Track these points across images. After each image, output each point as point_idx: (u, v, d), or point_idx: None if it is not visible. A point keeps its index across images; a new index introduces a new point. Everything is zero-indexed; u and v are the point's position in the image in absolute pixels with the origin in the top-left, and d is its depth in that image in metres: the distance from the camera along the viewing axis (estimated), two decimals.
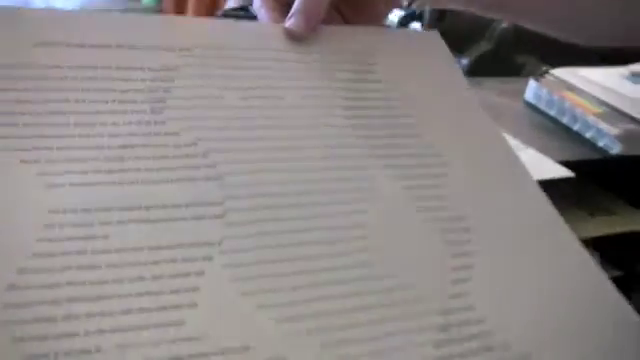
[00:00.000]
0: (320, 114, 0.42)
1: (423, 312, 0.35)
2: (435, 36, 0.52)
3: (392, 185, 0.40)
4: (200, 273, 0.32)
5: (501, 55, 1.08)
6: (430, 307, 0.36)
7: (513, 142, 0.78)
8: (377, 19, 0.52)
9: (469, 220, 0.41)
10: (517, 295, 0.38)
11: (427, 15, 1.02)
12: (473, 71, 1.07)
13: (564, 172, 0.72)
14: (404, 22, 1.04)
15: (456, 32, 1.07)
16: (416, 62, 0.48)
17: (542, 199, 0.45)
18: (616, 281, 0.40)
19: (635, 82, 0.96)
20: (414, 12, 1.03)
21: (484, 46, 1.08)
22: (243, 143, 0.38)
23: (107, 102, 0.37)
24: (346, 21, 0.51)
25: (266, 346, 0.31)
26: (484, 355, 0.35)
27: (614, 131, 0.79)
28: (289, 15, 0.45)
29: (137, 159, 0.35)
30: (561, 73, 0.96)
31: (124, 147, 0.35)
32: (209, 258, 0.33)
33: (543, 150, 0.77)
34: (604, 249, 0.83)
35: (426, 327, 0.35)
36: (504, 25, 1.08)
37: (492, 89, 0.94)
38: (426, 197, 0.41)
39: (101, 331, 0.29)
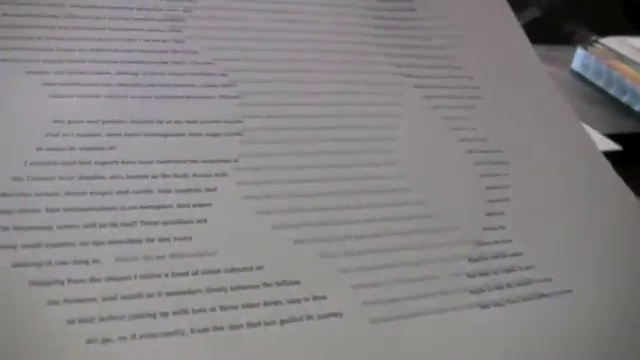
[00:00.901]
0: (349, 39, 0.40)
1: (455, 241, 0.34)
2: None
3: (424, 109, 0.39)
4: (212, 189, 0.31)
5: (550, 22, 1.05)
6: (462, 236, 0.34)
7: None
8: None
9: (505, 153, 0.39)
10: (555, 231, 0.37)
11: None
12: None
13: (611, 145, 0.69)
14: None
15: None
16: None
17: (582, 134, 0.43)
18: None
19: None
20: None
21: (533, 12, 1.04)
22: (264, 64, 0.37)
23: (124, 19, 0.36)
24: None
25: (279, 267, 0.29)
26: (523, 288, 0.34)
27: None
28: None
29: (152, 75, 0.34)
30: (611, 42, 0.93)
31: (139, 63, 0.34)
32: (223, 174, 0.32)
33: (589, 122, 0.74)
34: None
35: (458, 256, 0.33)
36: None
37: (538, 56, 0.91)
38: (459, 121, 0.40)
39: (99, 242, 0.28)
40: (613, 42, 0.93)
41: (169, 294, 0.27)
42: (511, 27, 0.48)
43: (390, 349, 0.29)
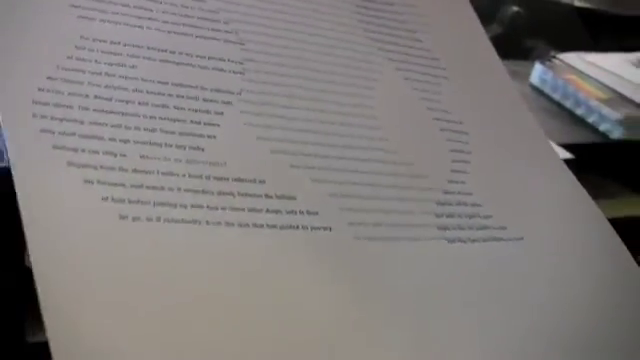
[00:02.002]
0: (334, 14, 0.45)
1: (425, 187, 0.39)
2: None
3: (397, 78, 0.44)
4: (220, 113, 0.36)
5: (512, 38, 1.09)
6: (430, 183, 0.39)
7: None
8: None
9: (465, 125, 0.44)
10: (512, 191, 0.42)
11: None
12: None
13: (563, 153, 0.73)
14: None
15: None
16: None
17: (532, 121, 0.48)
18: None
19: None
20: None
21: (495, 29, 1.08)
22: (264, 20, 0.42)
23: None
24: None
25: (279, 184, 0.34)
26: (482, 232, 0.38)
27: (615, 115, 0.80)
28: None
29: (164, 13, 0.38)
30: (569, 58, 0.97)
31: (154, 1, 0.39)
32: (228, 102, 0.36)
33: (545, 133, 0.78)
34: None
35: (427, 199, 0.38)
36: (515, 8, 1.09)
37: None
38: (427, 93, 0.44)
39: (125, 140, 0.32)
40: (571, 58, 0.98)
41: (187, 190, 0.31)
42: (473, 25, 0.54)
43: (369, 263, 0.33)
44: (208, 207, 0.32)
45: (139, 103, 0.34)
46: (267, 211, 0.33)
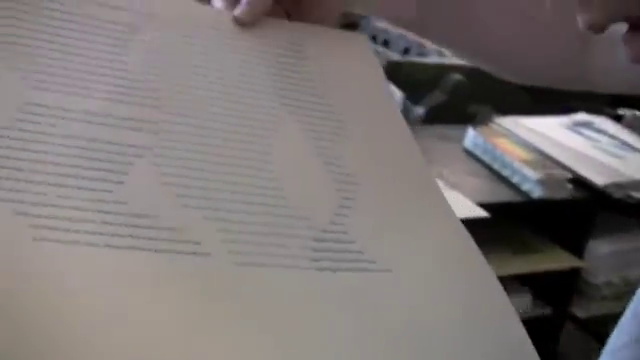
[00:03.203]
0: (247, 79, 0.51)
1: (306, 226, 0.44)
2: (363, 38, 0.60)
3: (297, 131, 0.49)
4: (130, 163, 0.41)
5: (455, 105, 1.14)
6: (311, 224, 0.44)
7: (439, 183, 0.84)
8: (321, 23, 0.59)
9: (358, 177, 0.49)
10: (389, 233, 0.47)
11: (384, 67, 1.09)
12: (428, 120, 1.13)
13: (479, 212, 0.78)
14: None
15: (412, 82, 1.14)
16: (340, 53, 0.57)
17: (427, 181, 0.53)
18: (547, 319, 0.47)
19: (575, 132, 1.02)
20: None
21: (439, 96, 1.14)
22: (183, 87, 0.47)
23: (84, 32, 0.46)
24: (291, 20, 0.58)
25: (170, 219, 0.40)
26: (350, 263, 0.43)
27: (536, 176, 0.85)
28: (239, 5, 0.53)
29: (97, 83, 0.44)
30: (505, 122, 1.03)
31: (87, 68, 0.45)
32: (140, 156, 0.42)
33: (469, 192, 0.83)
34: (534, 286, 0.88)
35: (305, 236, 0.43)
36: (458, 77, 1.15)
37: (435, 135, 1.01)
38: (324, 147, 0.50)
39: (46, 183, 0.39)
40: (507, 122, 1.04)
41: (91, 221, 0.37)
42: (379, 86, 0.58)
43: (241, 285, 0.39)
44: (106, 234, 0.38)
45: (61, 155, 0.40)
46: (154, 239, 0.39)
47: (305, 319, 0.41)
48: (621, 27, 0.34)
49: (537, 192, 0.84)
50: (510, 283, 0.87)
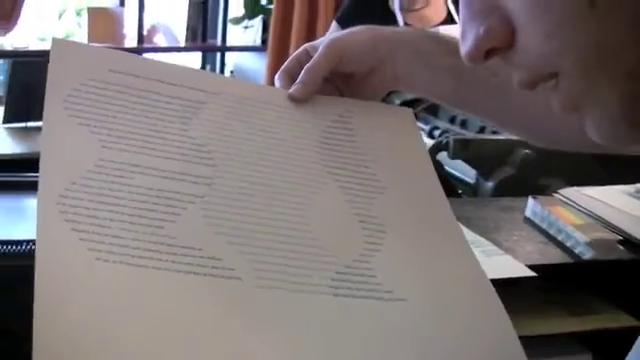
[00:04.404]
0: (298, 147, 0.62)
1: (330, 262, 0.55)
2: (408, 112, 0.70)
3: (336, 194, 0.60)
4: (184, 208, 0.54)
5: (524, 178, 1.21)
6: (336, 260, 0.55)
7: (491, 247, 0.90)
8: (370, 98, 0.69)
9: (388, 227, 0.58)
10: (410, 273, 0.56)
11: (451, 144, 1.18)
12: (498, 193, 1.20)
13: (527, 272, 0.84)
14: (433, 152, 1.20)
15: (480, 158, 1.21)
16: (385, 125, 0.67)
17: (454, 232, 0.61)
18: None
19: (635, 197, 1.07)
20: (441, 142, 1.19)
21: (508, 171, 1.21)
22: (237, 150, 0.60)
23: (155, 106, 0.59)
24: (342, 96, 0.68)
25: (211, 251, 0.52)
26: (366, 292, 0.53)
27: (586, 238, 0.90)
28: (294, 84, 0.64)
29: (162, 144, 0.57)
30: (568, 192, 1.08)
31: (155, 134, 0.57)
32: (192, 202, 0.54)
33: (521, 255, 0.89)
34: (593, 347, 0.92)
35: (328, 269, 0.54)
36: (526, 151, 1.21)
37: (499, 206, 1.08)
38: (360, 204, 0.59)
39: (112, 219, 0.52)
40: (570, 192, 1.09)
41: (145, 249, 0.50)
42: (419, 155, 0.68)
43: (265, 306, 0.50)
44: (155, 259, 0.49)
45: (124, 199, 0.52)
46: (197, 265, 0.50)
47: (316, 336, 0.50)
48: None
49: (588, 254, 0.89)
50: (568, 343, 0.91)
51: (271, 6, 3.42)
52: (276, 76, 0.67)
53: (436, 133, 1.35)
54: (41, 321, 0.42)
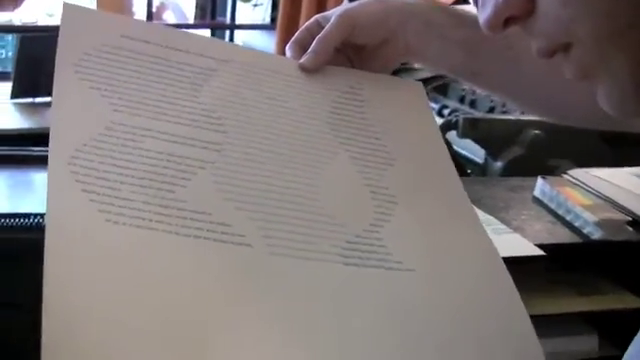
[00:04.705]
0: (308, 116, 0.61)
1: (339, 230, 0.54)
2: (419, 86, 0.70)
3: (347, 160, 0.59)
4: (194, 173, 0.53)
5: (533, 158, 1.20)
6: (346, 230, 0.55)
7: (501, 226, 0.90)
8: (381, 70, 0.69)
9: (399, 197, 0.58)
10: (419, 243, 0.56)
11: (461, 123, 1.17)
12: (507, 173, 1.20)
13: (536, 251, 0.83)
14: (442, 130, 1.19)
15: (490, 138, 1.21)
16: (395, 97, 0.66)
17: (463, 204, 0.61)
18: None
19: None
20: (450, 121, 1.19)
21: (517, 151, 1.20)
22: (247, 118, 0.60)
23: (166, 72, 0.59)
24: (353, 67, 0.68)
25: (221, 216, 0.52)
26: (376, 262, 0.53)
27: (595, 218, 0.90)
28: (305, 54, 0.63)
29: (173, 110, 0.57)
30: (576, 173, 1.08)
31: (166, 99, 0.57)
32: (203, 167, 0.54)
33: (530, 234, 0.89)
34: (600, 327, 0.92)
35: (338, 238, 0.54)
36: (536, 131, 1.21)
37: (508, 186, 1.07)
38: (370, 174, 0.59)
39: (122, 182, 0.51)
40: (578, 173, 1.08)
41: (156, 213, 0.50)
42: (429, 128, 0.68)
43: (274, 271, 0.50)
44: (165, 222, 0.49)
45: (134, 162, 0.52)
46: (207, 230, 0.50)
47: (326, 304, 0.49)
48: None
49: (596, 234, 0.89)
50: (576, 323, 0.91)
51: None
52: (287, 46, 0.67)
53: (445, 112, 1.35)
54: (51, 276, 0.43)
